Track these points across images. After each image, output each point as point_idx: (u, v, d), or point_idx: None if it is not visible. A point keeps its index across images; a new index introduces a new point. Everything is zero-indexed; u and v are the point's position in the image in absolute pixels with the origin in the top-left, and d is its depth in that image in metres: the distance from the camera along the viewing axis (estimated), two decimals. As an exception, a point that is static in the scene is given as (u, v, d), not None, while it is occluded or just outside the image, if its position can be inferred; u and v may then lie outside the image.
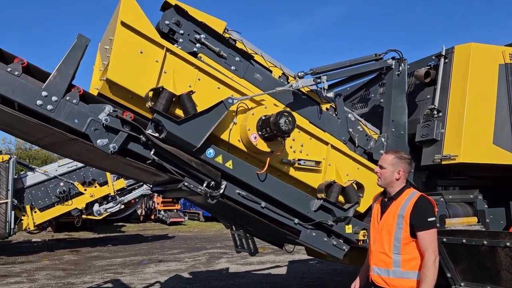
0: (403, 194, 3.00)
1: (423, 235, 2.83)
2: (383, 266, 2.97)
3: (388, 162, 3.07)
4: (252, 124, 3.77)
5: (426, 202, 2.94)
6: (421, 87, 4.81)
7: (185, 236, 17.84)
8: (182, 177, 3.64)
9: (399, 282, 2.90)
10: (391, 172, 3.04)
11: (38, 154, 38.10)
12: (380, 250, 2.99)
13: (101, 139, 3.34)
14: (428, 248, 2.82)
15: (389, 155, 3.13)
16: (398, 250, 2.90)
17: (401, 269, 2.88)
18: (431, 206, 2.93)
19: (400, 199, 2.99)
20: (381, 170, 3.10)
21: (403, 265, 2.88)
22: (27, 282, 8.59)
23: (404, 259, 2.88)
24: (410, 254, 2.88)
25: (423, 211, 2.87)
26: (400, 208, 2.94)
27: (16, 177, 12.33)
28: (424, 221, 2.85)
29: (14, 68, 3.16)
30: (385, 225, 3.00)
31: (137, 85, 3.43)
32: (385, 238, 2.97)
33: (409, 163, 3.12)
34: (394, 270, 2.90)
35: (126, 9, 3.43)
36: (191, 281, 8.51)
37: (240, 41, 4.18)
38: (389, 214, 3.00)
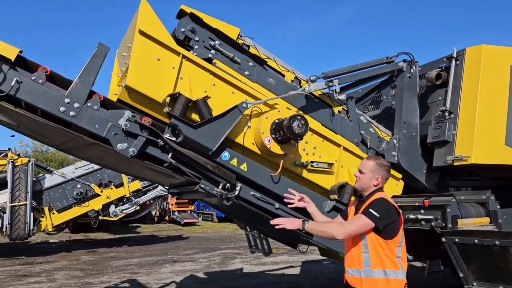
0: (372, 197, 3.09)
1: (358, 215, 3.00)
2: (355, 266, 3.03)
3: (368, 168, 3.14)
4: (266, 128, 3.87)
5: (381, 200, 3.02)
6: (433, 89, 4.86)
7: (199, 236, 18.01)
8: (199, 179, 3.76)
9: (368, 281, 2.96)
10: (370, 178, 3.13)
11: (55, 156, 38.77)
12: (349, 249, 3.09)
13: (121, 144, 3.48)
14: (349, 222, 3.05)
15: (370, 161, 3.21)
16: (365, 248, 2.98)
17: (370, 268, 2.96)
18: (382, 204, 2.99)
19: (368, 201, 3.08)
20: (360, 175, 3.18)
21: (372, 263, 2.95)
22: (46, 282, 8.81)
23: (372, 256, 2.96)
24: (375, 252, 2.95)
25: (372, 203, 3.00)
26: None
27: (34, 179, 12.62)
28: (366, 208, 2.98)
29: (38, 77, 3.32)
30: None
31: (155, 91, 3.57)
32: (354, 237, 3.05)
33: (387, 170, 3.20)
34: (364, 269, 2.98)
35: (143, 17, 3.56)
36: (206, 281, 8.64)
37: (253, 47, 4.28)
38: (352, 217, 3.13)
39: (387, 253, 2.96)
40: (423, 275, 7.52)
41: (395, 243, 3.00)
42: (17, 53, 3.24)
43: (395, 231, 3.00)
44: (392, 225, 2.97)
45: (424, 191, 4.80)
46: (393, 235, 2.99)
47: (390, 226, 2.97)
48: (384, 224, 2.93)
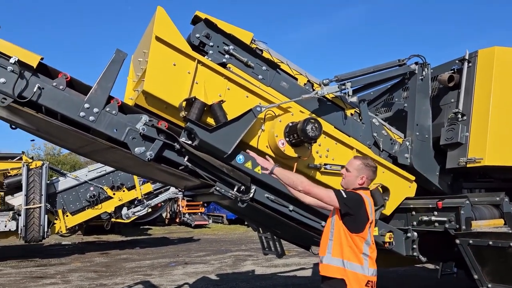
0: None
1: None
2: (322, 253, 3.12)
3: (354, 167, 3.20)
4: (280, 131, 3.93)
5: (357, 194, 3.07)
6: (445, 91, 4.88)
7: (210, 239, 18.09)
8: (214, 182, 3.83)
9: (327, 268, 3.05)
10: (355, 176, 3.18)
11: (66, 159, 39.21)
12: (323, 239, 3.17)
13: (138, 147, 3.56)
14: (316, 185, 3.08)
15: (356, 160, 3.27)
16: (331, 235, 3.05)
17: (331, 255, 3.02)
18: (354, 195, 3.04)
19: None
20: (346, 173, 3.24)
21: (333, 250, 3.02)
22: (61, 283, 8.94)
23: (334, 244, 3.02)
24: (338, 240, 3.01)
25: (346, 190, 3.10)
26: None
27: (48, 182, 12.80)
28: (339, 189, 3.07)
29: (59, 83, 3.42)
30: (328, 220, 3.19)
31: (172, 96, 3.64)
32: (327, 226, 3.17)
33: (373, 171, 3.25)
34: (326, 256, 3.06)
35: (160, 24, 3.65)
36: (218, 282, 8.70)
37: (267, 51, 4.35)
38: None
39: (351, 245, 2.98)
40: (436, 277, 7.53)
41: (361, 239, 3.01)
42: (38, 60, 3.34)
43: (360, 226, 3.01)
44: (355, 218, 2.99)
45: (437, 193, 4.81)
46: (358, 229, 3.00)
47: (352, 218, 2.99)
48: (346, 210, 2.96)
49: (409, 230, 4.56)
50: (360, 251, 2.99)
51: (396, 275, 8.81)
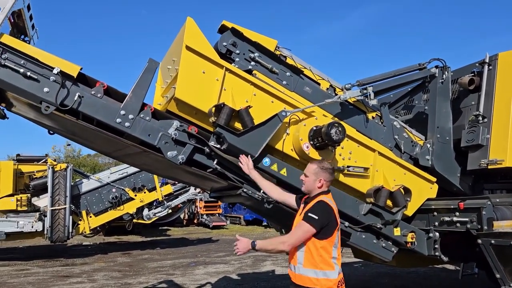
0: (314, 200, 3.24)
1: (300, 223, 3.11)
2: (292, 262, 3.23)
3: (311, 171, 3.31)
4: (304, 135, 4.08)
5: (321, 203, 3.16)
6: (466, 93, 4.95)
7: (229, 239, 18.28)
8: (241, 184, 3.99)
9: (300, 278, 3.13)
10: (313, 180, 3.28)
11: (86, 161, 40.01)
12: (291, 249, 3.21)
13: (171, 151, 3.75)
14: (291, 233, 3.15)
15: (313, 164, 3.36)
16: (301, 247, 3.13)
17: (303, 266, 3.11)
18: (321, 207, 3.13)
19: (311, 203, 3.23)
20: (305, 178, 3.35)
21: (304, 261, 3.10)
22: (88, 282, 9.24)
23: (305, 255, 3.10)
24: (308, 250, 3.09)
25: (312, 209, 3.13)
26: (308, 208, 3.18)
27: (72, 184, 13.16)
28: (306, 213, 3.12)
29: (97, 91, 3.63)
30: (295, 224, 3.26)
31: (201, 102, 3.82)
32: None
33: (330, 173, 3.34)
34: (297, 266, 3.15)
35: (190, 34, 3.83)
36: (240, 282, 8.88)
37: (290, 57, 4.50)
38: (298, 216, 3.29)
39: (321, 253, 3.07)
40: (457, 278, 7.56)
41: (330, 243, 3.12)
42: (78, 70, 3.56)
43: (330, 232, 3.11)
44: (328, 226, 3.10)
45: (459, 194, 4.89)
46: (328, 235, 3.10)
47: (326, 227, 3.09)
48: (321, 225, 3.06)
49: (431, 231, 4.66)
50: (330, 256, 3.10)
51: (416, 275, 8.85)
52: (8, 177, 12.39)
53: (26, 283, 9.21)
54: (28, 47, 3.54)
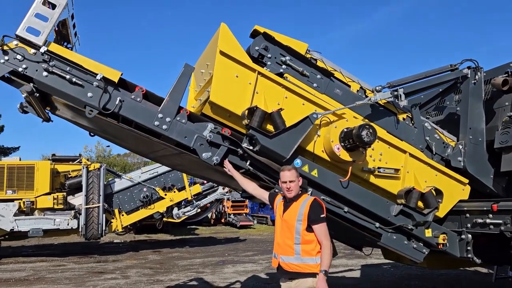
0: (301, 198, 3.63)
1: (317, 227, 3.50)
2: (288, 254, 3.57)
3: (295, 176, 3.63)
4: (335, 136, 4.14)
5: (318, 203, 3.59)
6: (499, 94, 4.88)
7: (256, 239, 18.43)
8: (273, 184, 4.10)
9: (301, 266, 3.50)
10: (297, 182, 3.63)
11: (116, 161, 41.04)
12: (285, 241, 3.59)
13: (205, 153, 3.90)
14: (323, 238, 3.50)
15: (291, 170, 3.66)
16: (298, 241, 3.52)
17: (301, 255, 3.51)
18: (321, 206, 3.58)
19: (299, 201, 3.60)
20: (292, 184, 3.61)
21: (302, 252, 3.51)
22: (121, 279, 9.54)
23: (303, 248, 3.50)
24: (306, 244, 3.50)
25: (317, 210, 3.53)
26: (299, 208, 3.55)
27: (105, 183, 13.59)
28: (318, 217, 3.50)
29: (136, 95, 3.81)
30: (287, 222, 3.58)
31: (235, 105, 3.95)
32: (288, 232, 3.57)
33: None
34: (296, 256, 3.53)
35: (223, 39, 3.96)
36: (269, 281, 8.98)
37: (321, 60, 4.57)
38: (290, 213, 3.59)
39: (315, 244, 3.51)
40: (490, 281, 7.43)
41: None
42: (119, 75, 3.75)
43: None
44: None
45: (492, 195, 4.83)
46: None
47: None
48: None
49: (463, 232, 4.63)
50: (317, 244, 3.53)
51: (446, 277, 8.73)
52: (45, 176, 12.93)
53: (64, 278, 9.61)
54: (74, 54, 3.76)
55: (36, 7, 3.54)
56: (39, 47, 3.56)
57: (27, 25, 3.54)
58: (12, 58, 3.54)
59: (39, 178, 12.83)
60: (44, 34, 3.56)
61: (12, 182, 12.67)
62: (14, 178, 12.70)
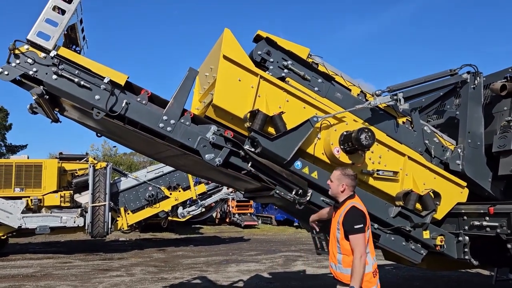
0: (344, 205, 3.59)
1: (350, 238, 3.42)
2: (333, 261, 3.63)
3: (335, 177, 3.66)
4: (335, 139, 4.25)
5: (355, 212, 3.50)
6: (498, 99, 4.96)
7: (260, 239, 18.54)
8: (274, 185, 4.21)
9: (341, 275, 3.51)
10: (337, 185, 3.64)
11: (122, 159, 41.32)
12: (331, 248, 3.66)
13: (208, 154, 4.02)
14: (354, 249, 3.39)
15: (336, 171, 3.71)
16: (339, 250, 3.54)
17: (342, 265, 3.50)
18: (359, 215, 3.48)
19: (341, 208, 3.60)
20: (330, 183, 3.70)
21: (343, 262, 3.49)
22: (126, 276, 9.70)
23: (343, 258, 3.48)
24: (346, 253, 3.46)
25: (351, 219, 3.46)
26: (339, 216, 3.56)
27: (111, 182, 13.76)
28: (351, 227, 3.42)
29: (142, 98, 3.94)
30: (331, 229, 3.66)
31: (238, 108, 4.06)
32: (332, 239, 3.64)
33: (352, 178, 3.66)
34: (338, 265, 3.56)
35: (227, 44, 4.08)
36: (271, 280, 9.10)
37: (322, 64, 4.67)
38: (334, 220, 3.65)
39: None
40: (490, 284, 7.49)
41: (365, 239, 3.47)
42: (126, 78, 3.88)
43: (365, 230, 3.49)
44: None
45: (490, 198, 4.91)
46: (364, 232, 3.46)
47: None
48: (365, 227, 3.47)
49: (461, 234, 4.71)
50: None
51: (448, 279, 8.79)
52: (52, 175, 13.14)
53: (70, 275, 9.78)
54: (82, 58, 3.89)
55: (46, 13, 3.68)
56: (49, 51, 3.69)
57: (38, 30, 3.67)
58: (23, 62, 3.67)
59: (47, 176, 13.05)
60: (54, 39, 3.69)
61: (20, 180, 12.89)
62: (22, 176, 12.93)
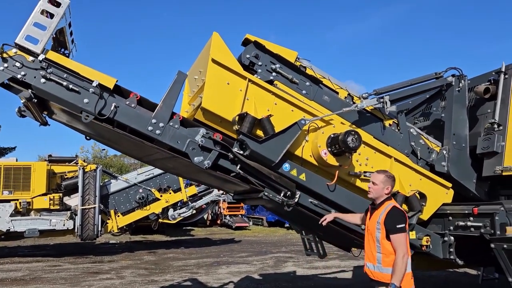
0: (383, 205, 3.66)
1: (393, 237, 3.49)
2: (371, 261, 3.66)
3: (380, 180, 3.71)
4: (323, 142, 4.31)
5: (397, 212, 3.58)
6: (482, 101, 5.06)
7: (251, 240, 18.57)
8: (263, 187, 4.25)
9: (380, 275, 3.55)
10: (381, 188, 3.69)
11: (113, 161, 41.10)
12: (368, 248, 3.70)
13: (197, 157, 4.05)
14: (397, 248, 3.45)
15: (380, 174, 3.77)
16: (379, 249, 3.57)
17: (382, 265, 3.54)
18: (401, 215, 3.56)
19: (380, 209, 3.66)
20: (373, 186, 3.74)
21: (383, 262, 3.54)
22: (117, 279, 9.67)
23: (384, 258, 3.53)
24: (386, 253, 3.52)
25: (394, 219, 3.52)
26: (379, 216, 3.61)
27: (101, 184, 13.70)
28: (394, 227, 3.49)
29: (131, 101, 3.96)
30: (369, 229, 3.70)
31: (226, 112, 4.11)
32: (370, 239, 3.67)
33: (394, 180, 3.81)
34: (377, 265, 3.59)
35: (216, 48, 4.12)
36: (262, 281, 9.13)
37: (310, 68, 4.74)
38: (372, 220, 3.70)
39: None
40: (477, 283, 7.60)
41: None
42: (114, 82, 3.89)
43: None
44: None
45: (475, 199, 5.01)
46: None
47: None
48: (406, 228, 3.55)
49: (446, 234, 4.80)
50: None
51: (436, 279, 8.91)
52: (42, 177, 13.03)
53: (59, 278, 9.73)
54: (70, 61, 3.90)
55: (34, 17, 3.68)
56: (37, 55, 3.70)
57: (26, 34, 3.68)
58: (11, 66, 3.67)
59: (36, 179, 12.93)
60: (42, 43, 3.70)
61: (8, 182, 12.76)
62: (11, 178, 12.79)
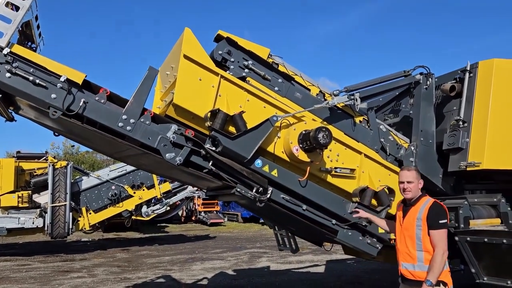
0: (420, 201, 3.62)
1: (433, 233, 3.43)
2: (409, 261, 3.56)
3: (414, 177, 3.66)
4: (294, 138, 4.35)
5: (439, 206, 3.54)
6: (448, 99, 5.22)
7: (226, 236, 18.59)
8: (235, 184, 4.27)
9: (423, 274, 3.44)
10: (417, 184, 3.65)
11: (85, 158, 40.18)
12: (405, 248, 3.58)
13: (169, 153, 4.03)
14: (437, 244, 3.40)
15: (411, 171, 3.71)
16: (420, 247, 3.49)
17: (424, 263, 3.46)
18: (443, 210, 3.52)
19: (418, 205, 3.60)
20: (410, 185, 3.63)
21: (425, 260, 3.46)
22: (88, 277, 9.52)
23: (426, 256, 3.46)
24: (429, 251, 3.46)
25: (436, 214, 3.48)
26: (418, 212, 3.54)
27: (72, 181, 13.41)
28: (436, 222, 3.44)
29: (100, 97, 3.90)
30: (407, 227, 3.59)
31: (198, 108, 4.09)
32: (408, 238, 3.56)
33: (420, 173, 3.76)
34: (418, 264, 3.50)
35: (187, 43, 4.10)
36: (235, 277, 9.18)
37: (282, 64, 4.77)
38: (409, 217, 3.60)
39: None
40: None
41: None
42: (83, 77, 3.82)
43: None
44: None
45: (441, 194, 5.16)
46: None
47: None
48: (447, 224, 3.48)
49: (414, 228, 4.92)
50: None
51: (406, 272, 9.15)
52: (9, 174, 12.66)
53: (28, 278, 9.50)
54: (37, 56, 3.80)
55: (-1, 9, 3.58)
56: (1, 49, 3.59)
57: (-10, 27, 3.57)
58: (-26, 59, 3.56)
59: (3, 176, 12.56)
60: (7, 36, 3.60)
61: (-26, 180, 12.36)
62: (-23, 176, 12.40)
